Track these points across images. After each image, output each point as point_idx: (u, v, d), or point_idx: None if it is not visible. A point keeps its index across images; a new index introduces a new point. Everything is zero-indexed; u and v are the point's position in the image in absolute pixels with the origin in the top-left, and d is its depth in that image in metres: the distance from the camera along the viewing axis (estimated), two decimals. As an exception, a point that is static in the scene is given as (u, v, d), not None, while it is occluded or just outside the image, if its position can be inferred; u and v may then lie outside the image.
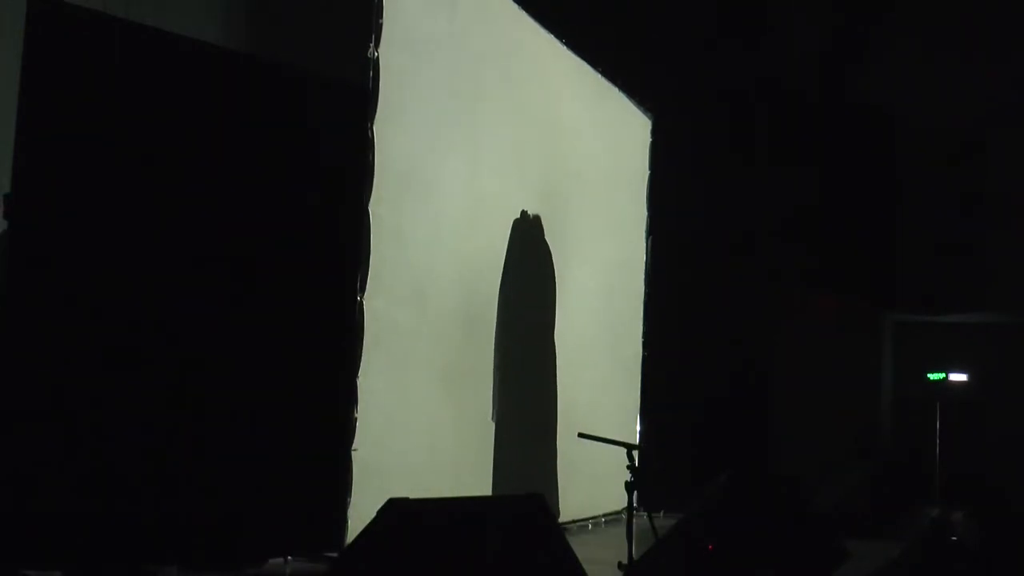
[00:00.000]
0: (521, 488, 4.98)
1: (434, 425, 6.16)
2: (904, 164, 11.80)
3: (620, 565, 4.17)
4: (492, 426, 6.81)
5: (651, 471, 4.40)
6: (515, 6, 7.14)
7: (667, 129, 9.59)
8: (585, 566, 3.75)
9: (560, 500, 7.51)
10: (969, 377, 11.84)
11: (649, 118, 9.48)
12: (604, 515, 8.17)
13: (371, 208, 5.54)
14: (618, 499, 6.10)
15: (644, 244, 9.39)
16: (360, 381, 5.43)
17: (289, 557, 5.50)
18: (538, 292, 7.65)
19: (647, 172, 9.48)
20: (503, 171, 7.01)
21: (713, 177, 10.18)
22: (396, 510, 3.02)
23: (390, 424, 5.70)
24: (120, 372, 4.82)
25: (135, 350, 4.88)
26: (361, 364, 5.45)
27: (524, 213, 7.28)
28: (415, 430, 5.98)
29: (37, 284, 4.65)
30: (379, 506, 3.03)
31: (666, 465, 7.56)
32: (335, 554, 5.35)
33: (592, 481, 7.64)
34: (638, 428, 9.04)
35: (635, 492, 4.18)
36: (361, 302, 5.49)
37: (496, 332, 6.94)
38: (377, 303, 5.59)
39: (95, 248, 4.81)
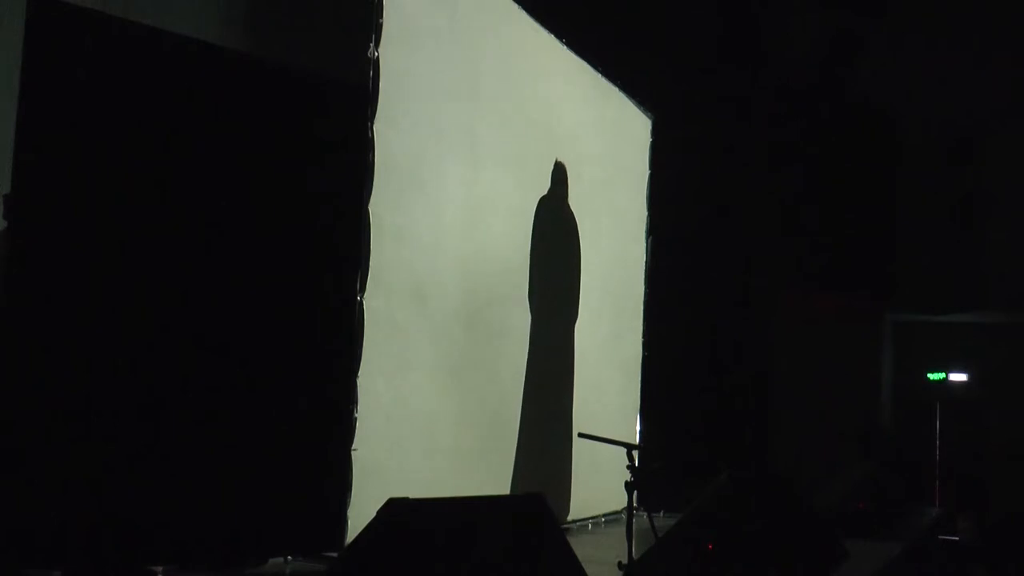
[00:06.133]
0: (541, 487, 4.99)
1: (434, 425, 6.16)
2: (904, 164, 11.81)
3: (620, 565, 4.18)
4: (493, 426, 6.81)
5: (651, 471, 4.40)
6: (515, 6, 7.14)
7: (667, 129, 9.60)
8: (585, 566, 3.75)
9: (570, 501, 7.56)
10: (969, 377, 11.85)
11: (649, 118, 9.48)
12: (604, 515, 8.18)
13: (371, 208, 5.54)
14: (618, 499, 6.12)
15: (644, 244, 9.39)
16: (360, 381, 5.43)
17: (289, 557, 5.50)
18: (565, 285, 7.75)
19: (647, 172, 9.49)
20: (503, 171, 7.01)
21: (713, 177, 10.19)
22: (396, 510, 3.02)
23: (390, 424, 5.70)
24: (120, 372, 4.82)
25: (135, 350, 4.88)
26: (361, 364, 5.45)
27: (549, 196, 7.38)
28: (415, 430, 5.97)
29: (37, 284, 4.64)
30: (379, 506, 3.03)
31: (666, 465, 7.56)
32: (335, 554, 5.35)
33: (592, 481, 7.65)
34: (638, 428, 9.04)
35: (635, 492, 4.19)
36: (361, 302, 5.48)
37: (531, 326, 7.08)
38: (377, 303, 5.58)
39: (95, 248, 4.80)
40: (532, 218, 7.36)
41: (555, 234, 7.62)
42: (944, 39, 11.18)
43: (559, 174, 7.63)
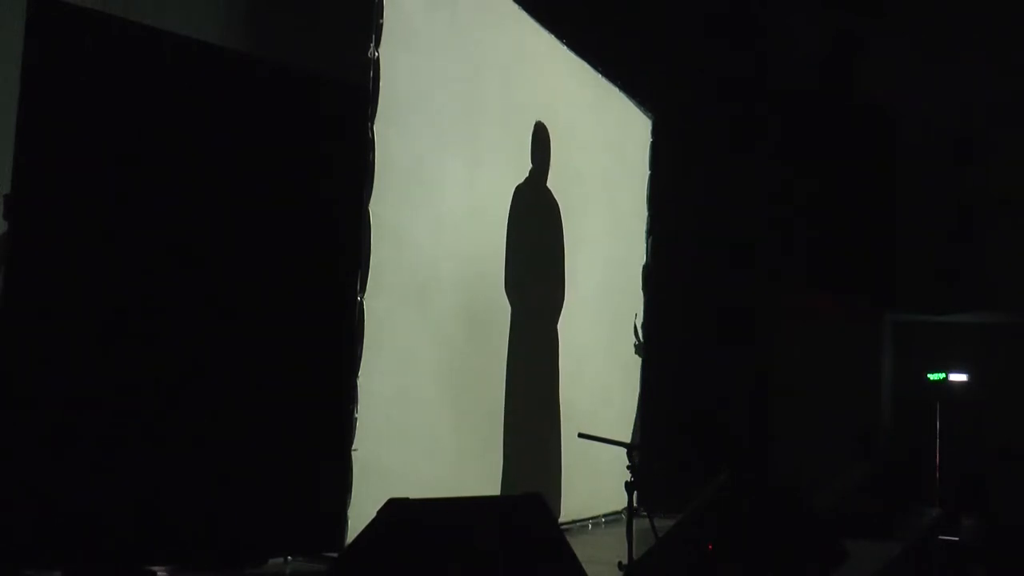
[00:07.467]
0: (529, 488, 4.98)
1: (434, 425, 6.16)
2: (904, 164, 11.79)
3: (620, 565, 4.17)
4: (493, 426, 6.81)
5: (651, 471, 4.40)
6: (515, 6, 7.15)
7: (667, 129, 9.60)
8: (585, 566, 3.75)
9: (561, 500, 7.53)
10: (969, 377, 11.83)
11: (649, 118, 9.49)
12: (604, 515, 8.18)
13: (371, 208, 5.55)
14: (618, 499, 6.11)
15: (644, 244, 9.39)
16: (360, 381, 5.43)
17: (289, 557, 5.50)
18: (547, 272, 7.72)
19: (647, 172, 9.49)
20: (503, 171, 7.01)
21: (713, 177, 10.19)
22: (396, 510, 3.02)
23: (390, 424, 5.70)
24: (120, 372, 4.82)
25: (135, 350, 4.88)
26: (361, 364, 5.45)
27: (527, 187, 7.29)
28: (415, 430, 5.98)
29: (37, 284, 4.64)
30: (379, 506, 3.03)
31: (666, 465, 7.56)
32: (335, 554, 5.36)
33: (592, 481, 7.64)
34: (638, 428, 9.04)
35: (635, 492, 4.19)
36: (361, 302, 5.49)
37: (512, 325, 7.00)
38: (377, 303, 5.59)
39: (95, 248, 4.81)
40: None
41: (531, 219, 7.43)
42: (944, 39, 11.17)
43: (539, 150, 7.40)
